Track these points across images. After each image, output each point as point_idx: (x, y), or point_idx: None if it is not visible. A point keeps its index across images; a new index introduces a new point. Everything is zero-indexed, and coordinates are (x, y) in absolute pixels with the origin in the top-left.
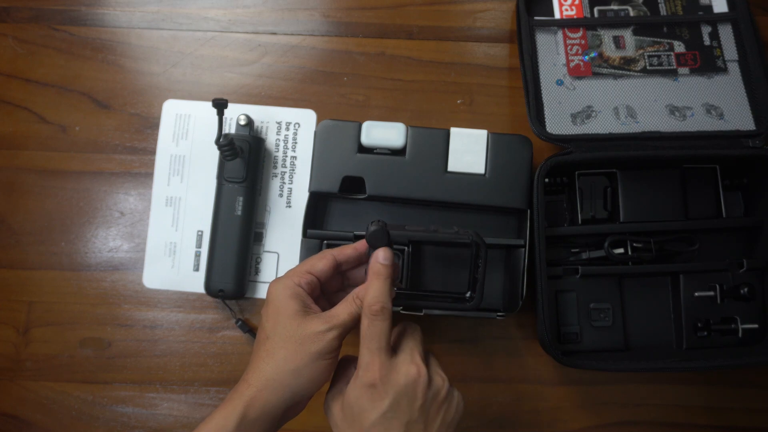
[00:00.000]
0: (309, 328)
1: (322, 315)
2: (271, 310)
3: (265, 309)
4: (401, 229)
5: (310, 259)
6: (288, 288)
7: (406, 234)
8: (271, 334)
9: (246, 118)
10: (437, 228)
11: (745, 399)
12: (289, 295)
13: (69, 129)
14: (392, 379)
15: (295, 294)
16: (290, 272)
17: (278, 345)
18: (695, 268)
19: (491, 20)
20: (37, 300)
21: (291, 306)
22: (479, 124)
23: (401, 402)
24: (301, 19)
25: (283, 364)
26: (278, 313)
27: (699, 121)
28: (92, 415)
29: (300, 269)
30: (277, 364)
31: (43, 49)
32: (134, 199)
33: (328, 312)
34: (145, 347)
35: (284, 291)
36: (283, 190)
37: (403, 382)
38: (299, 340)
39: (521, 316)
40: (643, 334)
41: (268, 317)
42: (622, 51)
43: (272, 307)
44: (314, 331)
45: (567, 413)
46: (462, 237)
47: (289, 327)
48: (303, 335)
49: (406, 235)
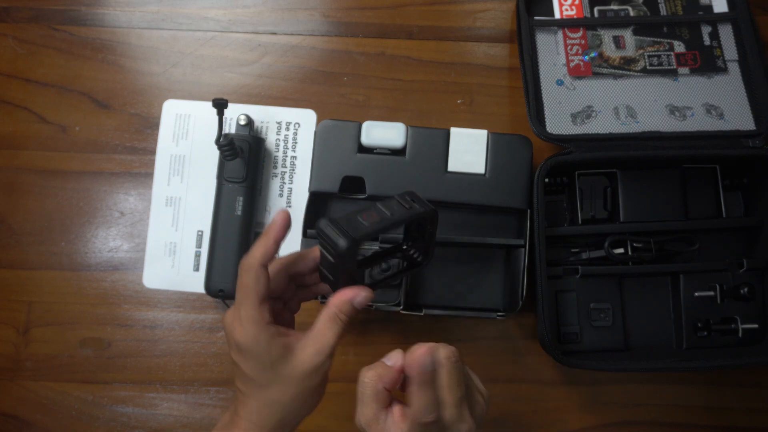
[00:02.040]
0: (302, 367)
1: (310, 344)
2: (250, 359)
3: (240, 356)
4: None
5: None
6: (259, 335)
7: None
8: (264, 382)
9: (246, 118)
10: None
11: (745, 399)
12: (266, 339)
13: (69, 129)
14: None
15: (270, 336)
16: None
17: (279, 392)
18: (695, 268)
19: (491, 20)
20: (37, 300)
21: (274, 352)
22: (479, 124)
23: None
24: (301, 19)
25: (290, 406)
26: (259, 361)
27: (699, 121)
28: (92, 415)
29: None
30: (284, 408)
31: (43, 49)
32: (134, 199)
33: (316, 338)
34: (145, 347)
35: (256, 339)
36: (283, 190)
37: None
38: (297, 381)
39: (521, 316)
40: (643, 334)
41: (248, 366)
42: (622, 51)
43: (250, 357)
44: (309, 368)
45: (567, 413)
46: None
47: (281, 372)
48: (299, 375)
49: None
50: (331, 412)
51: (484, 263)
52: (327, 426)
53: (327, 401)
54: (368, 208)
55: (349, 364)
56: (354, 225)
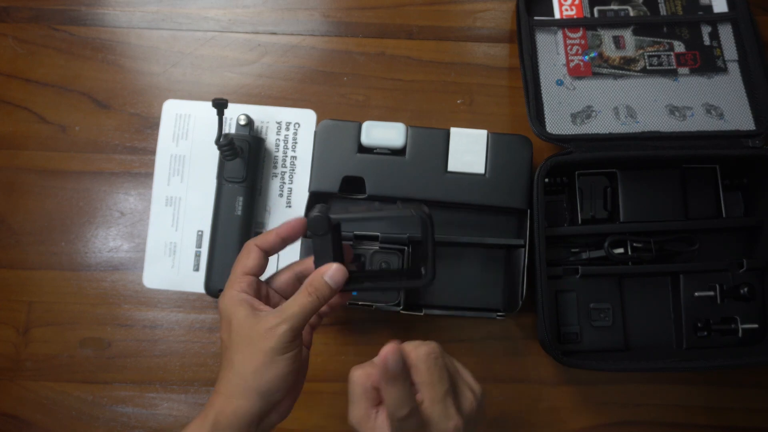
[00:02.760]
0: (259, 327)
1: (273, 311)
2: (224, 324)
3: (220, 324)
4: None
5: (239, 260)
6: (232, 298)
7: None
8: (228, 343)
9: (246, 118)
10: (381, 206)
11: (745, 399)
12: (235, 303)
13: (69, 129)
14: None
15: (240, 300)
16: (229, 281)
17: (235, 350)
18: (695, 268)
19: (491, 20)
20: (37, 300)
21: (239, 312)
22: (479, 124)
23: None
24: (301, 19)
25: (242, 367)
26: (230, 322)
27: (699, 121)
28: (92, 415)
29: (236, 274)
30: (238, 369)
31: (43, 49)
32: (134, 199)
33: (279, 307)
34: (145, 347)
35: (230, 302)
36: (283, 190)
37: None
38: (252, 341)
39: (521, 316)
40: (643, 334)
41: (222, 330)
42: (622, 51)
43: (224, 320)
44: (264, 328)
45: (567, 413)
46: (406, 212)
47: (241, 332)
48: (254, 335)
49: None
50: (330, 412)
51: (484, 263)
52: (326, 426)
53: (326, 401)
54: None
55: (349, 364)
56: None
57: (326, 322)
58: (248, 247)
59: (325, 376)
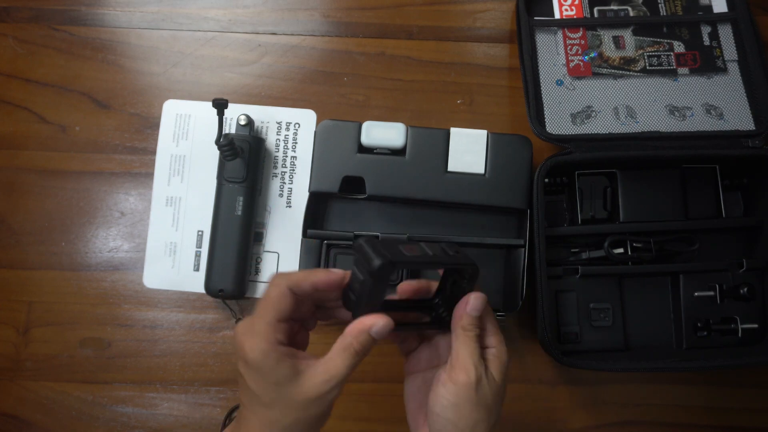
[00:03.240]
0: (308, 393)
1: (320, 372)
2: (256, 374)
3: (246, 369)
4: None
5: (270, 302)
6: (270, 353)
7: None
8: (267, 401)
9: (246, 118)
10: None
11: (745, 399)
12: (275, 359)
13: (69, 129)
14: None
15: (281, 355)
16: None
17: (281, 414)
18: (695, 268)
19: (491, 20)
20: (37, 300)
21: (281, 371)
22: (479, 124)
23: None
24: (301, 19)
25: (291, 429)
26: (266, 378)
27: (699, 121)
28: (92, 415)
29: (268, 320)
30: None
31: (43, 49)
32: (134, 199)
33: (327, 366)
34: (145, 347)
35: (265, 356)
36: (283, 190)
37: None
38: (302, 407)
39: (521, 316)
40: (643, 334)
41: (254, 380)
42: (622, 51)
43: (257, 372)
44: (315, 395)
45: (567, 413)
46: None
47: (286, 395)
48: (304, 401)
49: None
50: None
51: (484, 263)
52: (327, 426)
53: None
54: (410, 243)
55: None
56: (393, 250)
57: (326, 322)
58: (281, 290)
59: None
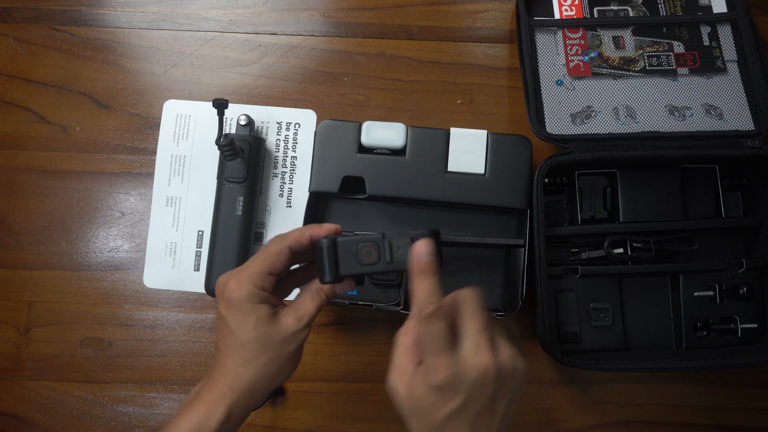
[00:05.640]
0: (283, 330)
1: (292, 312)
2: (237, 313)
3: (228, 309)
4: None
5: (267, 257)
6: (254, 295)
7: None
8: (245, 339)
9: (246, 118)
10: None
11: (745, 399)
12: (257, 301)
13: (69, 129)
14: (461, 377)
15: (262, 299)
16: (250, 272)
17: (256, 351)
18: (695, 268)
19: (491, 20)
20: (37, 300)
21: (261, 311)
22: (479, 124)
23: (471, 397)
24: (301, 20)
25: (265, 369)
26: (246, 316)
27: (698, 121)
28: (93, 415)
29: (259, 269)
30: (259, 371)
31: (43, 49)
32: (135, 199)
33: (297, 307)
34: (145, 347)
35: (250, 296)
36: (283, 190)
37: (473, 378)
38: (277, 344)
39: (521, 316)
40: (643, 334)
41: (234, 320)
42: (622, 51)
43: (239, 310)
44: (289, 332)
45: (567, 413)
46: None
47: (263, 331)
48: (279, 338)
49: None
50: (330, 411)
51: (484, 263)
52: (326, 426)
53: (326, 401)
54: (372, 244)
55: (349, 364)
56: (348, 258)
57: (326, 322)
58: (280, 248)
59: (325, 375)
